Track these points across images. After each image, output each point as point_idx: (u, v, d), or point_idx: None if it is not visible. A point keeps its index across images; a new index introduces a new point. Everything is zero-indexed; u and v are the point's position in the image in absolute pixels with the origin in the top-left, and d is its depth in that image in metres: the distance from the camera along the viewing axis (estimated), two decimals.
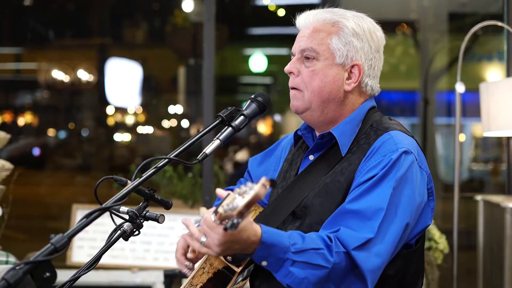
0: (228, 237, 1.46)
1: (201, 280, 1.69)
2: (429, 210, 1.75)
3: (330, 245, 1.55)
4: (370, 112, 1.82)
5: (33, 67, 7.12)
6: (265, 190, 1.33)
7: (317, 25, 1.78)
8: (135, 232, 1.68)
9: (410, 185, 1.64)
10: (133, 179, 1.62)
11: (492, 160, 6.80)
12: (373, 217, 1.59)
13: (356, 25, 1.76)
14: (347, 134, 1.75)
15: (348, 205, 1.62)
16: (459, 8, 6.17)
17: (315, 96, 1.75)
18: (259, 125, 8.00)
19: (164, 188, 4.29)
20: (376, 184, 1.62)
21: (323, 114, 1.78)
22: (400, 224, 1.61)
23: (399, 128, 1.76)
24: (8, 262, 2.63)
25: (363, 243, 1.56)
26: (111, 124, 7.42)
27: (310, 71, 1.75)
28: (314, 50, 1.75)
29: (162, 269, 3.49)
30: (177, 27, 6.47)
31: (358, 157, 1.70)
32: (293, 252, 1.51)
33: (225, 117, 1.73)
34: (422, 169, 1.70)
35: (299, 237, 1.55)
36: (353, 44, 1.75)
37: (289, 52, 1.85)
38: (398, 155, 1.64)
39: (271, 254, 1.51)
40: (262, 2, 6.99)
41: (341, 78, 1.76)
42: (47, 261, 1.27)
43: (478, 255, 3.79)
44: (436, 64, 6.23)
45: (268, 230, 1.52)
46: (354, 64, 1.76)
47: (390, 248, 1.60)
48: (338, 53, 1.75)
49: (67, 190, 7.03)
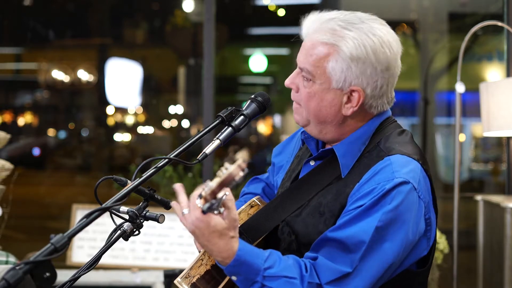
0: (203, 223, 1.46)
1: (199, 272, 1.68)
2: (425, 242, 1.62)
3: (304, 276, 1.51)
4: (384, 123, 1.70)
5: (33, 67, 7.12)
6: (238, 172, 1.36)
7: (315, 43, 1.63)
8: (135, 232, 1.68)
9: (402, 222, 1.53)
10: (133, 179, 1.62)
11: (492, 160, 6.80)
12: (354, 249, 1.51)
13: (356, 48, 1.59)
14: (350, 155, 1.66)
15: (330, 233, 1.55)
16: (459, 8, 6.17)
17: (312, 117, 1.68)
18: (259, 125, 8.00)
19: (164, 188, 4.29)
20: (363, 214, 1.53)
21: (321, 134, 1.70)
22: (382, 262, 1.52)
23: (406, 149, 1.63)
24: (8, 262, 2.63)
25: (339, 277, 1.50)
26: (111, 124, 7.42)
27: (306, 92, 1.66)
28: (311, 73, 1.63)
29: (162, 269, 3.49)
30: (177, 27, 6.48)
31: (354, 181, 1.61)
32: (264, 276, 1.49)
33: (225, 117, 1.72)
34: (421, 199, 1.57)
35: (277, 260, 1.52)
36: (352, 70, 1.60)
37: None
38: (392, 186, 1.53)
39: (242, 273, 1.50)
40: (262, 2, 6.99)
41: (338, 102, 1.64)
42: (47, 261, 1.27)
43: (478, 255, 3.79)
44: (436, 64, 6.23)
45: (243, 248, 1.50)
46: (353, 89, 1.62)
47: (367, 284, 1.52)
48: (334, 78, 1.61)
49: (67, 190, 7.03)
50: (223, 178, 1.36)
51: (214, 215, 1.46)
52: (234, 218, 1.49)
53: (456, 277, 3.48)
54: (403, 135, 1.70)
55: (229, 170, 1.36)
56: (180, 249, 3.76)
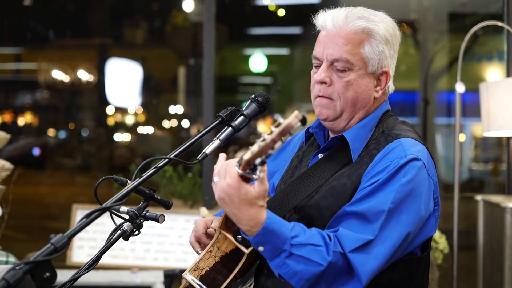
0: (234, 190, 1.45)
1: (208, 264, 1.68)
2: (433, 220, 1.71)
3: (329, 244, 1.54)
4: (385, 116, 1.79)
5: (33, 67, 7.12)
6: (296, 122, 1.33)
7: (349, 32, 1.71)
8: (135, 232, 1.68)
9: (416, 194, 1.60)
10: (133, 179, 1.62)
11: (492, 160, 6.79)
12: (374, 219, 1.56)
13: (386, 31, 1.72)
14: (360, 139, 1.73)
15: (349, 207, 1.60)
16: (459, 8, 6.17)
17: (349, 106, 1.73)
18: (259, 125, 8.00)
19: (164, 188, 4.29)
20: (380, 187, 1.60)
21: (349, 122, 1.76)
22: (401, 231, 1.58)
23: (411, 135, 1.72)
24: (8, 262, 2.63)
25: (362, 244, 1.55)
26: (111, 124, 7.42)
27: (344, 81, 1.71)
28: (349, 61, 1.70)
29: (162, 269, 3.49)
30: (177, 27, 6.48)
31: (366, 162, 1.68)
32: (292, 245, 1.51)
33: (225, 117, 1.72)
34: (430, 177, 1.66)
35: (301, 230, 1.54)
36: (384, 52, 1.72)
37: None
38: (406, 161, 1.61)
39: (270, 241, 1.51)
40: (262, 2, 6.99)
41: (371, 86, 1.75)
42: (47, 261, 1.27)
43: (478, 255, 3.79)
44: (436, 64, 6.23)
45: (272, 216, 1.51)
46: (383, 71, 1.75)
47: (389, 252, 1.57)
48: (370, 62, 1.72)
49: (67, 190, 7.03)
50: (282, 127, 1.33)
51: (245, 184, 1.45)
52: (265, 187, 1.49)
53: (456, 277, 3.48)
54: (405, 125, 1.79)
55: (287, 120, 1.33)
56: (180, 249, 3.76)
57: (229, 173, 1.45)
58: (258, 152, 1.36)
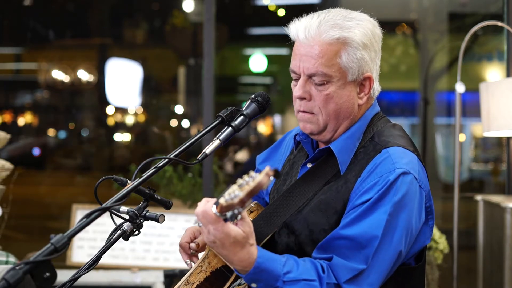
0: (223, 234, 1.43)
1: (198, 278, 1.68)
2: (427, 230, 1.68)
3: (322, 277, 1.53)
4: (375, 119, 1.74)
5: (33, 67, 7.12)
6: (267, 180, 1.30)
7: (323, 44, 1.62)
8: (135, 232, 1.68)
9: (407, 210, 1.57)
10: (133, 179, 1.62)
11: (492, 160, 6.79)
12: (367, 245, 1.54)
13: (363, 35, 1.63)
14: (348, 150, 1.68)
15: (342, 230, 1.58)
16: (459, 8, 6.16)
17: (332, 119, 1.67)
18: (259, 125, 7.99)
19: (164, 188, 4.29)
20: (371, 208, 1.56)
21: (334, 133, 1.71)
22: (394, 252, 1.57)
23: (400, 141, 1.67)
24: (8, 262, 2.63)
25: (355, 275, 1.54)
26: (111, 124, 7.41)
27: (324, 95, 1.65)
28: (326, 74, 1.62)
29: (162, 269, 3.49)
30: (177, 27, 6.47)
31: (354, 176, 1.64)
32: (285, 281, 1.50)
33: (225, 117, 1.72)
34: (422, 188, 1.63)
35: (294, 265, 1.54)
36: (364, 58, 1.64)
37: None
38: (395, 177, 1.57)
39: (262, 279, 1.51)
40: (262, 2, 6.99)
41: (354, 95, 1.68)
42: (47, 261, 1.27)
43: (478, 255, 3.79)
44: (436, 64, 6.22)
45: (263, 255, 1.51)
46: (366, 76, 1.67)
47: (382, 276, 1.57)
48: (350, 71, 1.64)
49: (67, 190, 7.02)
50: (253, 186, 1.30)
51: (232, 225, 1.44)
52: (250, 225, 1.48)
53: (456, 277, 3.48)
54: (394, 129, 1.73)
55: (258, 179, 1.30)
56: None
57: (215, 217, 1.42)
58: (227, 206, 1.35)
